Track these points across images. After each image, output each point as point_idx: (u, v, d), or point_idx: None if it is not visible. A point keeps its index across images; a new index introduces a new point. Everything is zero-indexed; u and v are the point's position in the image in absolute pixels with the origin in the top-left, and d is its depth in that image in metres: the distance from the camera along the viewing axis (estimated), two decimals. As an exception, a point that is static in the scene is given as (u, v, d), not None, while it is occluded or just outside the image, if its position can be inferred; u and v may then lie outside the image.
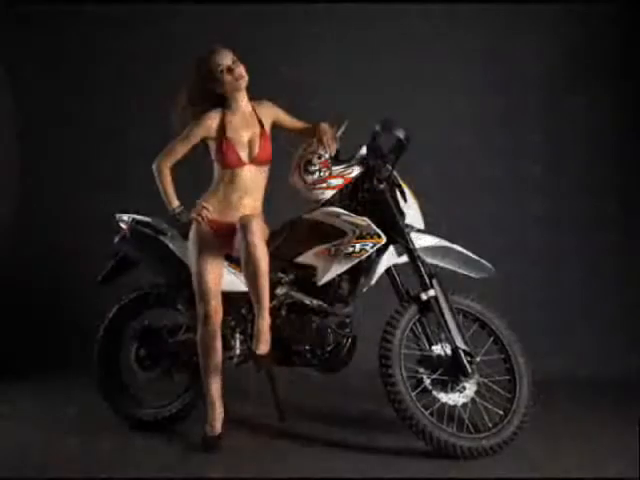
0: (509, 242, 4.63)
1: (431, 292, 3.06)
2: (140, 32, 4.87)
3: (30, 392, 4.10)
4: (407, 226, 3.12)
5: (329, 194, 3.12)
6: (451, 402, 3.01)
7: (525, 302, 4.50)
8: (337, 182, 3.11)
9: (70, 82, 4.99)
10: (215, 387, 3.14)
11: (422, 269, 3.09)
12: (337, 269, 3.09)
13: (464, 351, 3.00)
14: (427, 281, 3.08)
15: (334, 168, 3.11)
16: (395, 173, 3.16)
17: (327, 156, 3.10)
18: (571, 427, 3.36)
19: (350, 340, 3.17)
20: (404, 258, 3.14)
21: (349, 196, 3.17)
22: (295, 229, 3.18)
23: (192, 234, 3.14)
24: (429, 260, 3.15)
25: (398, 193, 3.14)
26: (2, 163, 5.01)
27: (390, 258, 3.13)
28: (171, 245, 3.29)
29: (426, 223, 3.18)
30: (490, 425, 2.99)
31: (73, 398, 3.91)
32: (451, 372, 3.01)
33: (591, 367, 4.27)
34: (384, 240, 3.07)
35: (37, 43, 4.98)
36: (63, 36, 4.97)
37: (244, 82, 3.08)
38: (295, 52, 4.77)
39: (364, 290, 3.21)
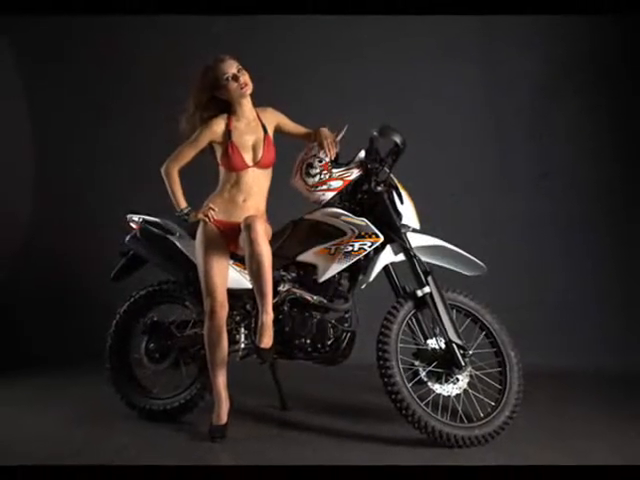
0: (503, 242, 4.72)
1: (426, 289, 3.15)
2: (143, 40, 5.00)
3: (43, 384, 4.21)
4: (403, 226, 3.21)
5: (329, 195, 3.22)
6: (445, 393, 3.10)
7: (516, 300, 4.55)
8: (337, 184, 3.21)
9: (77, 85, 5.10)
10: (221, 379, 3.22)
11: (418, 267, 3.18)
12: (337, 267, 3.16)
13: (457, 345, 3.09)
14: (422, 278, 3.16)
15: (334, 171, 3.20)
16: (392, 175, 3.26)
17: (327, 159, 3.20)
18: (561, 419, 3.45)
19: (349, 334, 3.24)
20: (401, 256, 3.22)
21: (348, 197, 3.27)
22: (297, 229, 3.26)
23: (199, 233, 3.21)
24: (424, 258, 3.23)
25: (395, 195, 3.23)
26: (18, 164, 5.11)
27: (387, 256, 3.21)
28: (179, 244, 3.36)
29: (421, 223, 3.27)
30: (482, 415, 3.08)
31: (85, 389, 4.01)
32: (445, 364, 3.10)
33: (583, 363, 4.36)
34: (382, 239, 3.16)
35: (43, 46, 5.11)
36: (70, 41, 5.10)
37: (249, 89, 3.16)
38: (300, 61, 4.89)
39: (362, 287, 3.29)
